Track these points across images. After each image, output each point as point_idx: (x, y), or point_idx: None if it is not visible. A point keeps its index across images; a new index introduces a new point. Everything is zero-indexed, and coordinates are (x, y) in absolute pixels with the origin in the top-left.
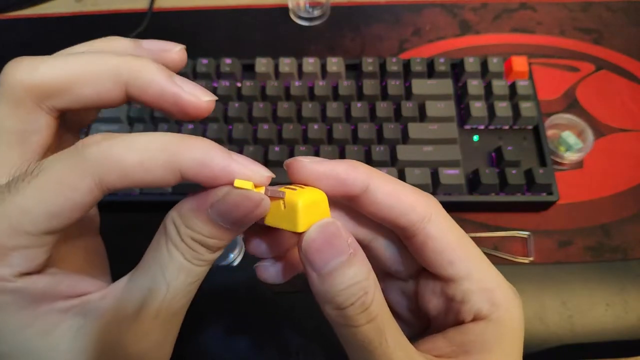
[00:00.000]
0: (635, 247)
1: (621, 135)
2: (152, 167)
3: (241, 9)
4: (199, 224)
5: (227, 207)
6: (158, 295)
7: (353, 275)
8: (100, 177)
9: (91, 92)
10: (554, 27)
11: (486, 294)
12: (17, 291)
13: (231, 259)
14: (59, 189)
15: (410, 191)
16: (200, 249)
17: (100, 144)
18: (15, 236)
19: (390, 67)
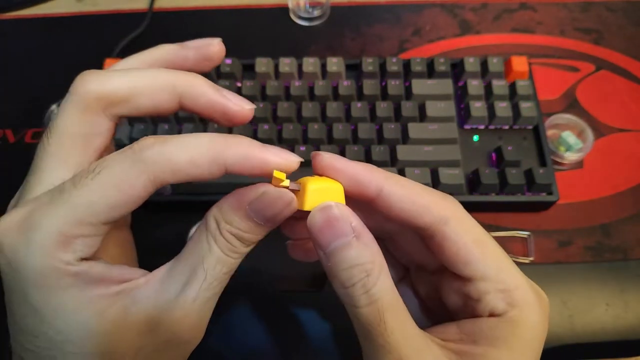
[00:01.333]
0: (635, 247)
1: (621, 135)
2: (201, 163)
3: (241, 9)
4: (237, 220)
5: (263, 205)
6: (197, 282)
7: (355, 256)
8: (155, 175)
9: (150, 102)
10: (554, 27)
11: (502, 294)
12: (78, 274)
13: None
14: (119, 186)
15: (426, 193)
16: (236, 242)
17: (154, 146)
18: (79, 226)
19: (390, 67)
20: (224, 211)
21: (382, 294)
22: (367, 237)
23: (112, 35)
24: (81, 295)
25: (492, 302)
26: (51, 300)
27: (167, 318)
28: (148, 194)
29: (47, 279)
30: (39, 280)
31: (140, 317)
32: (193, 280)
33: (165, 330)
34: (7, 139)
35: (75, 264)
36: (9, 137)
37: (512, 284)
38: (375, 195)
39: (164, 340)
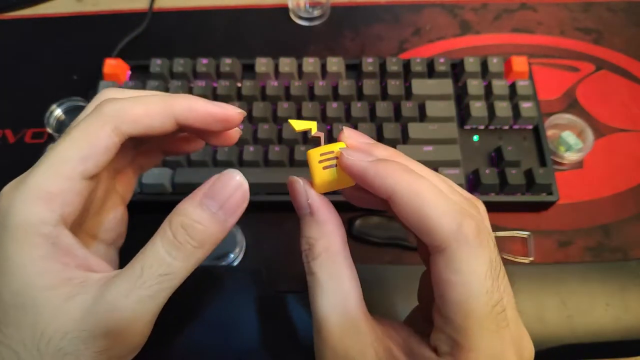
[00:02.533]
0: (635, 247)
1: (621, 135)
2: (154, 114)
3: (241, 9)
4: (190, 208)
5: (216, 187)
6: (132, 278)
7: (305, 229)
8: (115, 125)
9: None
10: (554, 27)
11: (451, 343)
12: (49, 237)
13: (231, 259)
14: (86, 137)
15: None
16: (184, 237)
17: (113, 102)
18: (58, 180)
19: (390, 67)
20: (178, 207)
21: (318, 269)
22: (320, 216)
23: (112, 35)
24: (42, 262)
25: (440, 341)
26: (17, 255)
27: (99, 310)
28: (114, 144)
29: (21, 233)
30: (15, 233)
31: (80, 304)
32: (130, 276)
33: (89, 320)
34: (7, 139)
35: (51, 223)
36: (8, 137)
37: (469, 343)
38: (386, 198)
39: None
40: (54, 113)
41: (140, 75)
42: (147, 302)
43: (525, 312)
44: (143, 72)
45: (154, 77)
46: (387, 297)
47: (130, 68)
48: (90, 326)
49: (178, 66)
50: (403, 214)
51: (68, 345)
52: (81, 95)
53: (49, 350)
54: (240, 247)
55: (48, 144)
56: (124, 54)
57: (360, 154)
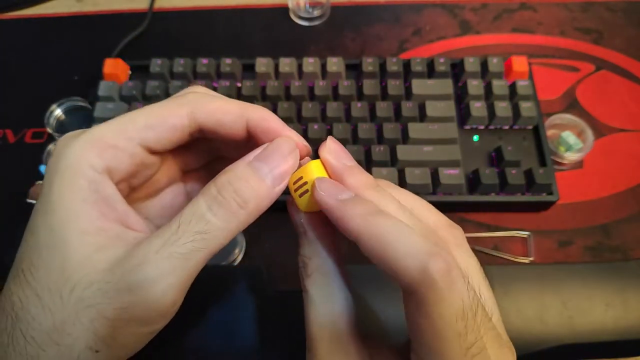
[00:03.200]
0: (635, 247)
1: (621, 135)
2: (227, 111)
3: (241, 9)
4: (238, 168)
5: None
6: (165, 234)
7: (300, 247)
8: (191, 110)
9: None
10: (554, 27)
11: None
12: (93, 181)
13: (231, 258)
14: (159, 111)
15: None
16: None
17: (196, 93)
18: (117, 135)
19: (390, 67)
20: (227, 167)
21: (312, 289)
22: (311, 236)
23: (112, 35)
24: (80, 205)
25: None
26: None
27: (126, 263)
28: (183, 126)
29: (69, 173)
30: (64, 173)
31: (108, 257)
32: (165, 232)
33: (119, 275)
34: (7, 139)
35: (97, 170)
36: (9, 137)
37: None
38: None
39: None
40: (54, 113)
41: (140, 75)
42: (178, 260)
43: (525, 312)
44: (143, 72)
45: (154, 77)
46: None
47: (130, 68)
48: (115, 279)
49: (178, 66)
50: (370, 257)
51: (91, 297)
52: (81, 95)
53: (71, 299)
54: (240, 247)
55: (48, 144)
56: (124, 54)
57: (331, 187)
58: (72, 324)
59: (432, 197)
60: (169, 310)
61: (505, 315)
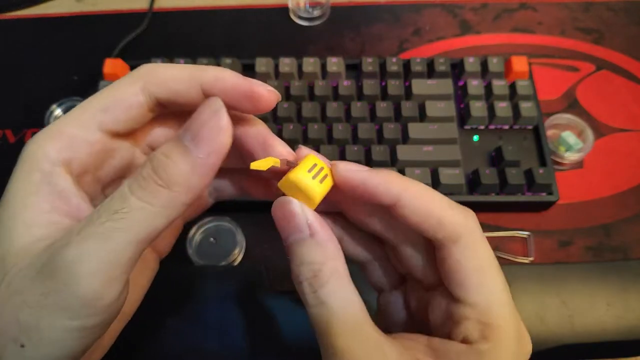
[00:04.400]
0: (635, 247)
1: (621, 135)
2: (181, 78)
3: (241, 9)
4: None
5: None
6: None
7: (306, 254)
8: (144, 84)
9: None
10: (554, 27)
11: (480, 326)
12: (47, 174)
13: (231, 258)
14: (112, 91)
15: (444, 207)
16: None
17: (146, 65)
18: (73, 124)
19: (390, 67)
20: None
21: (329, 298)
22: (322, 237)
23: (112, 35)
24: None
25: (468, 330)
26: (17, 186)
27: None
28: (139, 103)
29: (27, 165)
30: (22, 165)
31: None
32: (90, 215)
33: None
34: (7, 139)
35: (53, 162)
36: (9, 137)
37: (496, 319)
38: (391, 204)
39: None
40: (54, 113)
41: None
42: (98, 242)
43: (525, 312)
44: None
45: None
46: None
47: (130, 68)
48: (40, 263)
49: None
50: (412, 215)
51: (18, 283)
52: (81, 95)
53: (1, 288)
54: (240, 247)
55: None
56: (124, 54)
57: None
58: (1, 315)
59: None
60: (99, 303)
61: None
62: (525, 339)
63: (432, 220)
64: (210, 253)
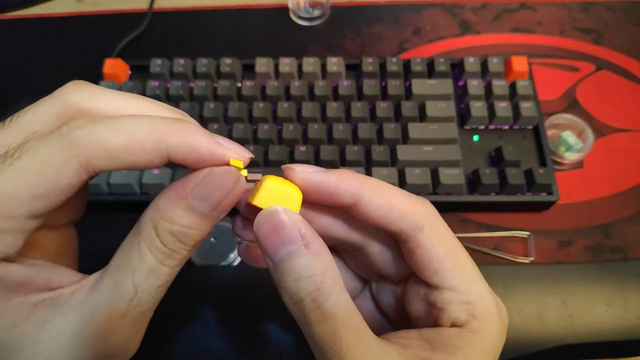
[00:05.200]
0: (635, 247)
1: (621, 135)
2: (139, 150)
3: (241, 9)
4: (178, 214)
5: (208, 188)
6: (125, 298)
7: (304, 267)
8: (87, 160)
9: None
10: (554, 27)
11: (466, 306)
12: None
13: (231, 259)
14: (43, 171)
15: (403, 199)
16: (176, 245)
17: (86, 127)
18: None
19: (390, 67)
20: (161, 209)
21: (336, 310)
22: (317, 245)
23: (112, 35)
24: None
25: (455, 313)
26: None
27: (93, 334)
28: (80, 182)
29: None
30: None
31: (62, 330)
32: (122, 296)
33: (90, 347)
34: None
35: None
36: None
37: (477, 297)
38: (351, 204)
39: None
40: None
41: (140, 75)
42: (144, 317)
43: (525, 312)
44: (143, 72)
45: (154, 77)
46: None
47: (130, 68)
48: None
49: (178, 66)
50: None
51: None
52: None
53: None
54: None
55: None
56: (124, 54)
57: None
58: None
59: (432, 197)
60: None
61: None
62: (503, 310)
63: (395, 214)
64: (210, 253)
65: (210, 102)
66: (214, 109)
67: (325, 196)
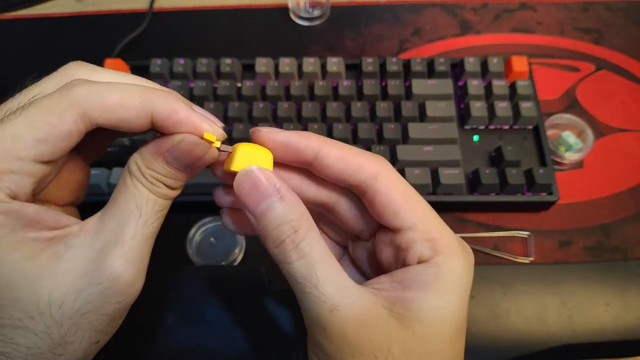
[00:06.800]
0: (635, 247)
1: (621, 135)
2: (129, 106)
3: (241, 9)
4: (157, 165)
5: (180, 153)
6: (133, 220)
7: (282, 214)
8: (84, 110)
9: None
10: (554, 27)
11: (429, 243)
12: (9, 212)
13: (231, 259)
14: (47, 118)
15: (358, 154)
16: (161, 186)
17: (85, 84)
18: (7, 160)
19: (390, 67)
20: (144, 156)
21: (311, 248)
22: (291, 197)
23: (112, 35)
24: (11, 236)
25: (419, 250)
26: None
27: (107, 258)
28: (79, 132)
29: None
30: None
31: (77, 260)
32: (129, 220)
33: (105, 271)
34: None
35: (5, 200)
36: None
37: (437, 233)
38: (312, 158)
39: (105, 282)
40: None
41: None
42: (148, 242)
43: (525, 312)
44: (143, 72)
45: (154, 77)
46: None
47: (130, 68)
48: (105, 278)
49: (178, 66)
50: (334, 164)
51: (86, 304)
52: None
53: (64, 315)
54: (240, 247)
55: None
56: (124, 54)
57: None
58: (74, 333)
59: (432, 197)
60: None
61: (505, 315)
62: (467, 248)
63: (353, 166)
64: (210, 253)
65: (210, 102)
66: (214, 109)
67: (291, 152)
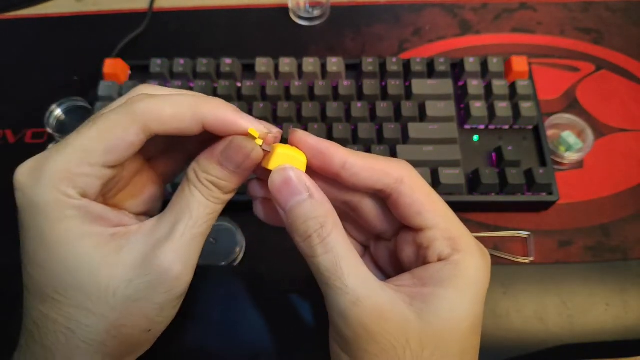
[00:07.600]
0: (635, 247)
1: (621, 135)
2: (182, 118)
3: (241, 9)
4: (211, 168)
5: (231, 152)
6: (184, 221)
7: (310, 210)
8: (144, 123)
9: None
10: (554, 27)
11: (448, 241)
12: (80, 208)
13: (231, 259)
14: (113, 131)
15: (383, 160)
16: (214, 189)
17: (144, 100)
18: (81, 166)
19: (390, 67)
20: (200, 162)
21: (336, 243)
22: (319, 195)
23: (112, 35)
24: (81, 227)
25: (439, 248)
26: (55, 228)
27: (158, 252)
28: (140, 141)
29: (53, 209)
30: (47, 210)
31: (133, 254)
32: (180, 220)
33: (154, 264)
34: (7, 139)
35: (77, 197)
36: (8, 137)
37: (457, 233)
38: (340, 167)
39: (154, 273)
40: (54, 113)
41: (140, 75)
42: (198, 241)
43: (525, 312)
44: (143, 72)
45: (154, 77)
46: None
47: (130, 68)
48: (153, 270)
49: (178, 66)
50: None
51: (136, 292)
52: (81, 95)
53: (117, 301)
54: (240, 247)
55: (48, 144)
56: (124, 54)
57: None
58: (126, 318)
59: None
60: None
61: (505, 315)
62: (484, 249)
63: (378, 172)
64: (210, 253)
65: None
66: None
67: (320, 157)
